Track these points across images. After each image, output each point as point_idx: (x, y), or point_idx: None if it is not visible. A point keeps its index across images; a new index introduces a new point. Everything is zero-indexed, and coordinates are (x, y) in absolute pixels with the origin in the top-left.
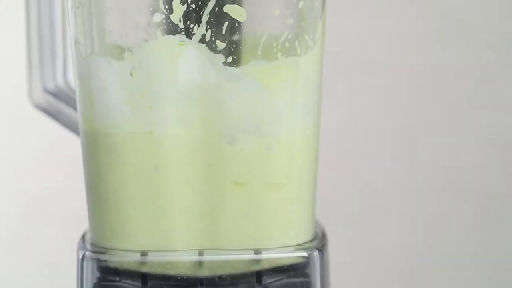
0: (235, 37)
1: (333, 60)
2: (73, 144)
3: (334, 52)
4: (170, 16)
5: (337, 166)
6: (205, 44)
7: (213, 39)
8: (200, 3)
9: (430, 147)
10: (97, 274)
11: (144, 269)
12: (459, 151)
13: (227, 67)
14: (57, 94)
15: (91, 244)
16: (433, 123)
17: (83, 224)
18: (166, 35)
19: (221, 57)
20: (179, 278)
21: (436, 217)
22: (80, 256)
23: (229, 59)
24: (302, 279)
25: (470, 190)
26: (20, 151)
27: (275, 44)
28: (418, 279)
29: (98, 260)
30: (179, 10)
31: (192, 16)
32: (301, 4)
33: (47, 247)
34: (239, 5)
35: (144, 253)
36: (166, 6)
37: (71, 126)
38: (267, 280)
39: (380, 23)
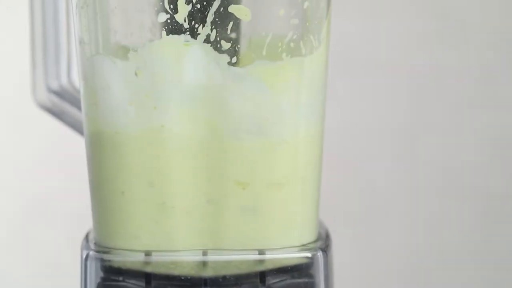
0: (240, 37)
1: (333, 60)
2: (74, 144)
3: (334, 52)
4: (175, 16)
5: (337, 166)
6: (210, 44)
7: (218, 39)
8: (205, 3)
9: (430, 147)
10: (101, 274)
11: (148, 269)
12: (459, 151)
13: (232, 67)
14: (61, 94)
15: (95, 243)
16: (433, 123)
17: (84, 223)
18: (171, 35)
19: (226, 57)
20: (183, 278)
21: (436, 217)
22: (84, 256)
23: (234, 59)
24: (306, 280)
25: (470, 190)
26: (21, 151)
27: (280, 44)
28: (418, 279)
29: (102, 260)
30: (184, 10)
31: (197, 16)
32: (306, 4)
33: (48, 247)
34: (244, 5)
35: (148, 253)
36: (171, 6)
37: (75, 126)
38: (271, 280)
39: (380, 23)
